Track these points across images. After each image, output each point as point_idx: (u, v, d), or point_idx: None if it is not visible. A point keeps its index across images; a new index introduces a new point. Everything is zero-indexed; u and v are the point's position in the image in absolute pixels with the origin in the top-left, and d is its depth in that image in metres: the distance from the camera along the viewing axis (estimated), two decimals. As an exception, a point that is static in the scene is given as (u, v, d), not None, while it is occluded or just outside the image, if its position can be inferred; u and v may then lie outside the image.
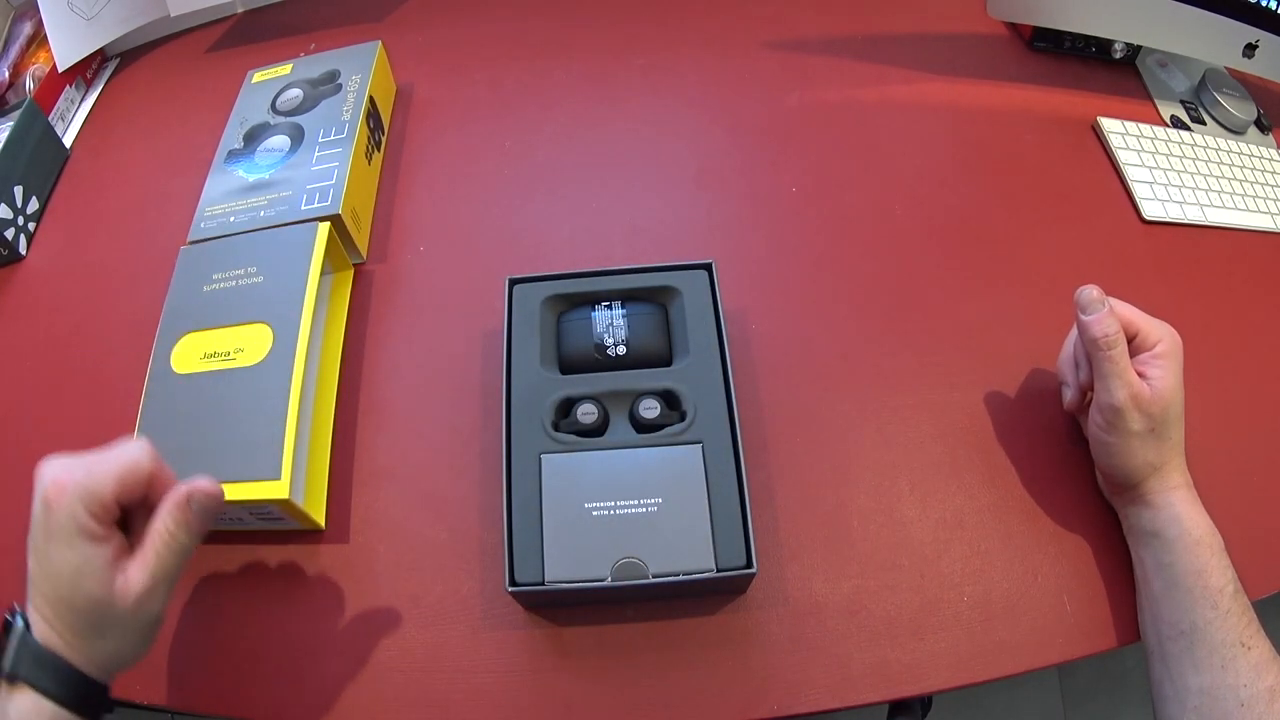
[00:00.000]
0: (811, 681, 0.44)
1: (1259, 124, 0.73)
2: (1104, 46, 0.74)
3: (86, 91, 0.77)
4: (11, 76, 0.72)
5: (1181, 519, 0.44)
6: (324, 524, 0.50)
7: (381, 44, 0.69)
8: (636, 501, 0.44)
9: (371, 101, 0.65)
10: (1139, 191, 0.64)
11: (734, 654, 0.45)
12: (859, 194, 0.65)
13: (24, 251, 0.65)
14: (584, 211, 0.64)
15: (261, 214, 0.57)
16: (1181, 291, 0.60)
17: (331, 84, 0.66)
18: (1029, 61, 0.75)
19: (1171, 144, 0.68)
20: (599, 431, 0.47)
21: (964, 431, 0.53)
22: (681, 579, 0.42)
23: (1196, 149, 0.69)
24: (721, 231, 0.63)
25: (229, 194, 0.59)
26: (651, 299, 0.52)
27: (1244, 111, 0.72)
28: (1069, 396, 0.50)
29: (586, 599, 0.46)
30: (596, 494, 0.44)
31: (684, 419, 0.47)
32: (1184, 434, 0.47)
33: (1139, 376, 0.45)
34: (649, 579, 0.42)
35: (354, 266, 0.61)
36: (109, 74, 0.79)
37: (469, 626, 0.46)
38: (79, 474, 0.35)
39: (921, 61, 0.74)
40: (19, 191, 0.64)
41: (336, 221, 0.57)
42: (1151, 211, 0.63)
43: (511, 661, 0.45)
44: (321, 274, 0.53)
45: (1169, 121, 0.72)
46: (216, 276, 0.53)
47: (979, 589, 0.47)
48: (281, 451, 0.46)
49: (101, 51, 0.78)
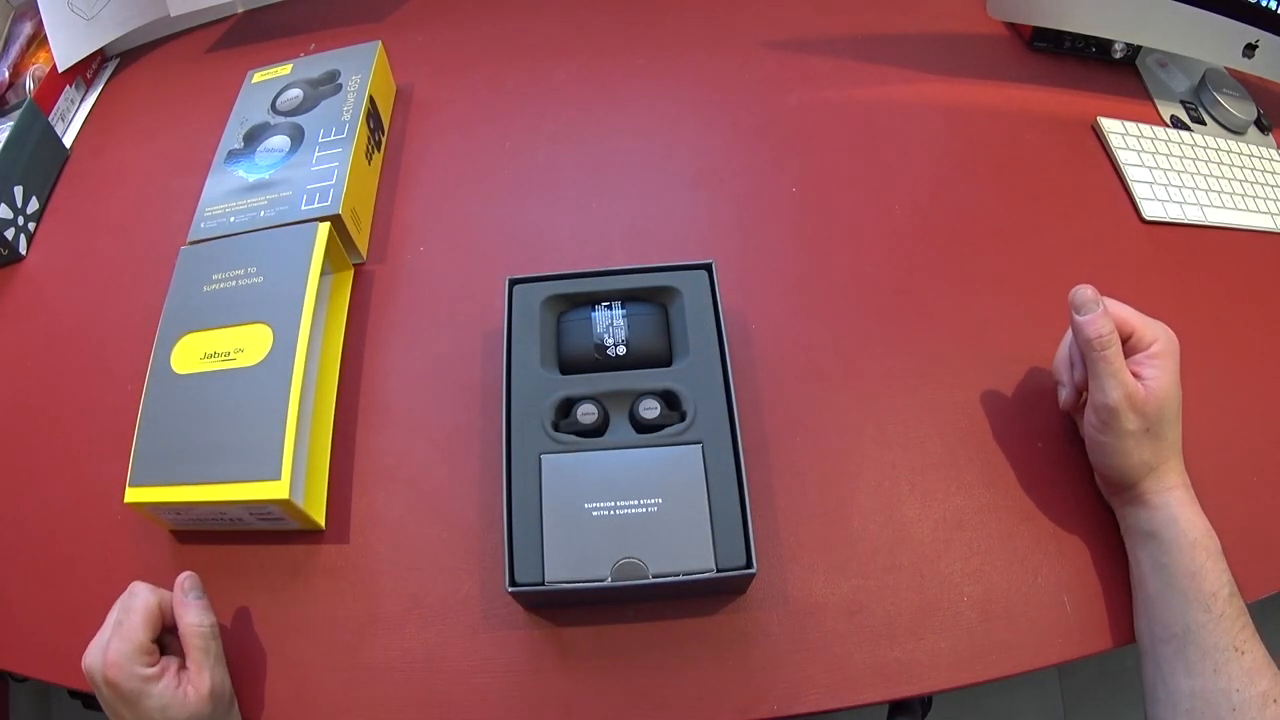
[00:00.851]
0: (811, 681, 0.44)
1: (1259, 124, 0.73)
2: (1104, 46, 0.74)
3: (86, 91, 0.77)
4: (11, 76, 0.72)
5: (1178, 520, 0.44)
6: (324, 524, 0.50)
7: (381, 44, 0.69)
8: (636, 502, 0.44)
9: (371, 101, 0.65)
10: (1139, 191, 0.64)
11: (734, 654, 0.45)
12: (859, 194, 0.65)
13: (24, 251, 0.65)
14: (584, 211, 0.64)
15: (261, 214, 0.57)
16: (1181, 291, 0.60)
17: (331, 84, 0.66)
18: (1029, 61, 0.75)
19: (1171, 144, 0.68)
20: (599, 432, 0.47)
21: (964, 431, 0.53)
22: (681, 579, 0.42)
23: (1196, 149, 0.68)
24: (721, 231, 0.63)
25: (229, 194, 0.59)
26: (651, 299, 0.52)
27: (1244, 111, 0.72)
28: (1064, 396, 0.50)
29: (586, 599, 0.46)
30: (596, 494, 0.44)
31: (684, 419, 0.47)
32: (1181, 434, 0.46)
33: (1134, 376, 0.45)
34: (649, 579, 0.42)
35: (354, 266, 0.61)
36: (109, 74, 0.79)
37: (469, 626, 0.46)
38: (119, 644, 0.40)
39: (921, 61, 0.74)
40: (19, 191, 0.64)
41: (336, 222, 0.57)
42: (1151, 211, 0.63)
43: (511, 661, 0.45)
44: (321, 274, 0.53)
45: (1169, 121, 0.72)
46: (216, 277, 0.53)
47: (979, 589, 0.47)
48: (281, 452, 0.46)
49: (101, 51, 0.78)
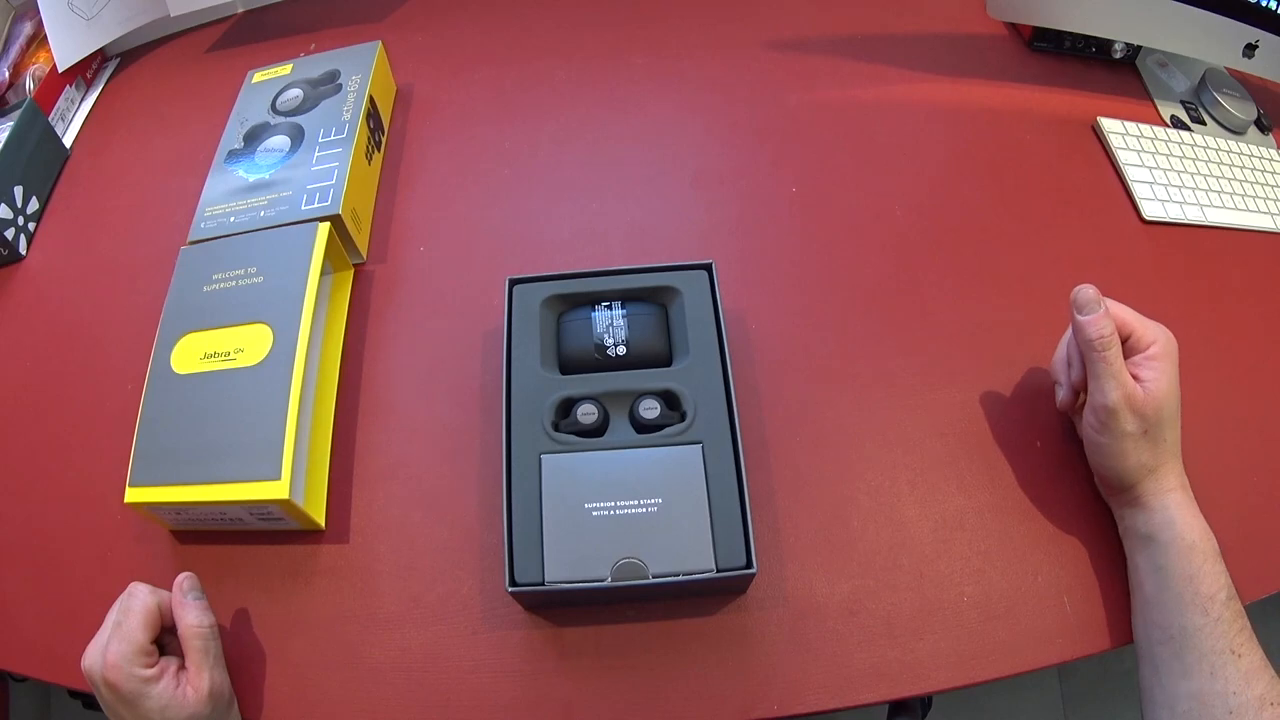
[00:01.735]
0: (811, 681, 0.44)
1: (1259, 124, 0.73)
2: (1104, 47, 0.74)
3: (86, 91, 0.77)
4: (11, 76, 0.72)
5: (1175, 522, 0.44)
6: (324, 524, 0.50)
7: (381, 44, 0.69)
8: (636, 502, 0.44)
9: (371, 101, 0.65)
10: (1139, 191, 0.64)
11: (734, 654, 0.45)
12: (859, 194, 0.65)
13: (24, 251, 0.65)
14: (584, 211, 0.64)
15: (261, 214, 0.57)
16: (1181, 291, 0.60)
17: (331, 84, 0.66)
18: (1029, 61, 0.75)
19: (1171, 144, 0.68)
20: (599, 432, 0.47)
21: (964, 431, 0.53)
22: (681, 579, 0.42)
23: (1196, 149, 0.68)
24: (721, 231, 0.63)
25: (229, 194, 0.59)
26: (651, 299, 0.52)
27: (1244, 111, 0.72)
28: (1061, 396, 0.50)
29: (586, 599, 0.46)
30: (596, 494, 0.44)
31: (684, 419, 0.47)
32: (1180, 436, 0.46)
33: (1133, 378, 0.45)
34: (649, 579, 0.42)
35: (354, 266, 0.61)
36: (109, 74, 0.79)
37: (469, 627, 0.46)
38: (118, 645, 0.41)
39: (921, 61, 0.74)
40: (19, 191, 0.64)
41: (336, 221, 0.57)
42: (1151, 211, 0.63)
43: (511, 661, 0.45)
44: (321, 274, 0.53)
45: (1169, 121, 0.72)
46: (216, 277, 0.53)
47: (979, 589, 0.47)
48: (281, 452, 0.46)
49: (101, 51, 0.78)
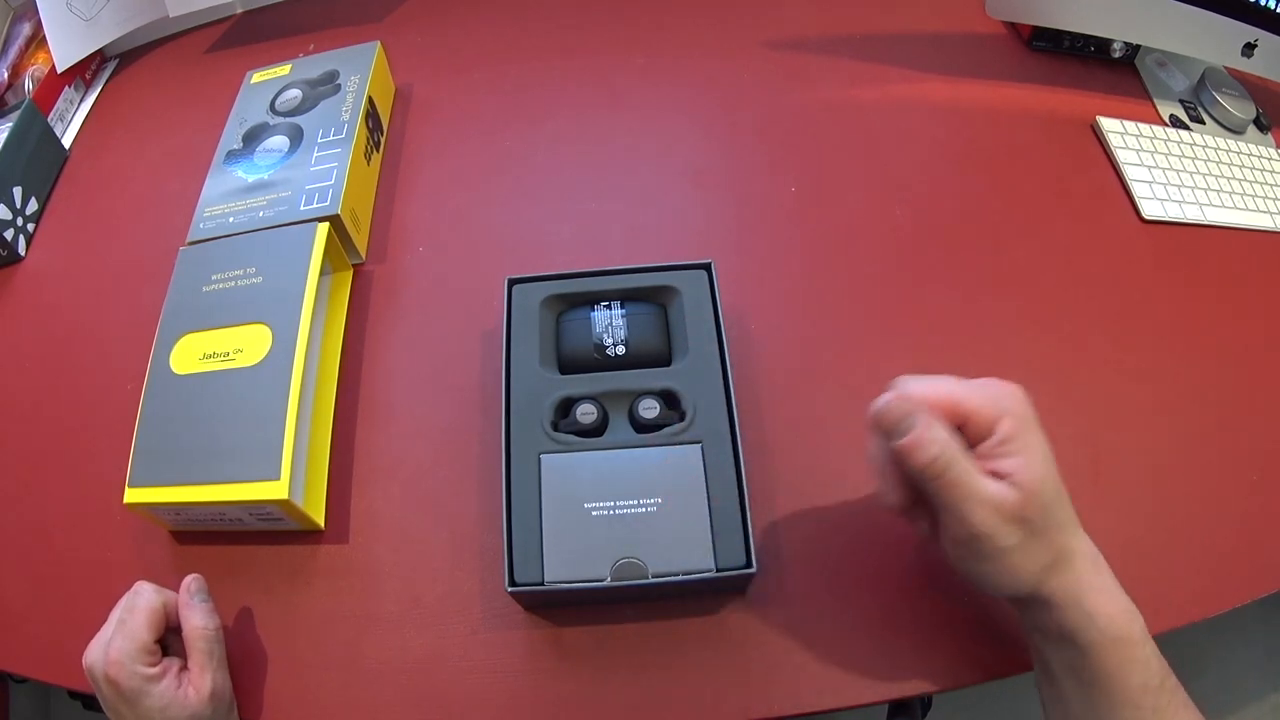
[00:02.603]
0: (811, 681, 0.44)
1: (1258, 123, 0.73)
2: (1103, 46, 0.74)
3: (86, 92, 0.77)
4: (11, 77, 0.72)
5: (1094, 616, 0.36)
6: (323, 524, 0.50)
7: (380, 44, 0.69)
8: (636, 501, 0.44)
9: (370, 102, 0.65)
10: (1138, 191, 0.64)
11: (734, 654, 0.45)
12: (859, 194, 0.65)
13: (23, 252, 0.65)
14: (584, 211, 0.64)
15: (261, 214, 0.57)
16: (1181, 291, 0.60)
17: (330, 84, 0.66)
18: (1028, 61, 0.75)
19: (1171, 143, 0.68)
20: (598, 431, 0.47)
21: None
22: (681, 579, 0.42)
23: (1196, 148, 0.68)
24: (721, 231, 0.63)
25: (228, 194, 0.59)
26: (651, 299, 0.52)
27: (1243, 111, 0.72)
28: (890, 501, 0.40)
29: (586, 599, 0.46)
30: (596, 494, 0.44)
31: (683, 419, 0.47)
32: (1069, 503, 0.38)
33: (994, 476, 0.35)
34: (649, 579, 0.42)
35: (353, 267, 0.61)
36: (108, 74, 0.79)
37: (469, 627, 0.46)
38: (121, 642, 0.41)
39: (921, 61, 0.74)
40: (18, 192, 0.64)
41: (336, 222, 0.57)
42: (1150, 211, 0.63)
43: (511, 662, 0.45)
44: (321, 274, 0.53)
45: (1168, 121, 0.72)
46: (216, 277, 0.53)
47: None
48: (281, 452, 0.46)
49: (101, 52, 0.78)
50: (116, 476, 0.47)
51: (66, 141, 0.72)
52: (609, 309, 0.51)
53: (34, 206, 0.66)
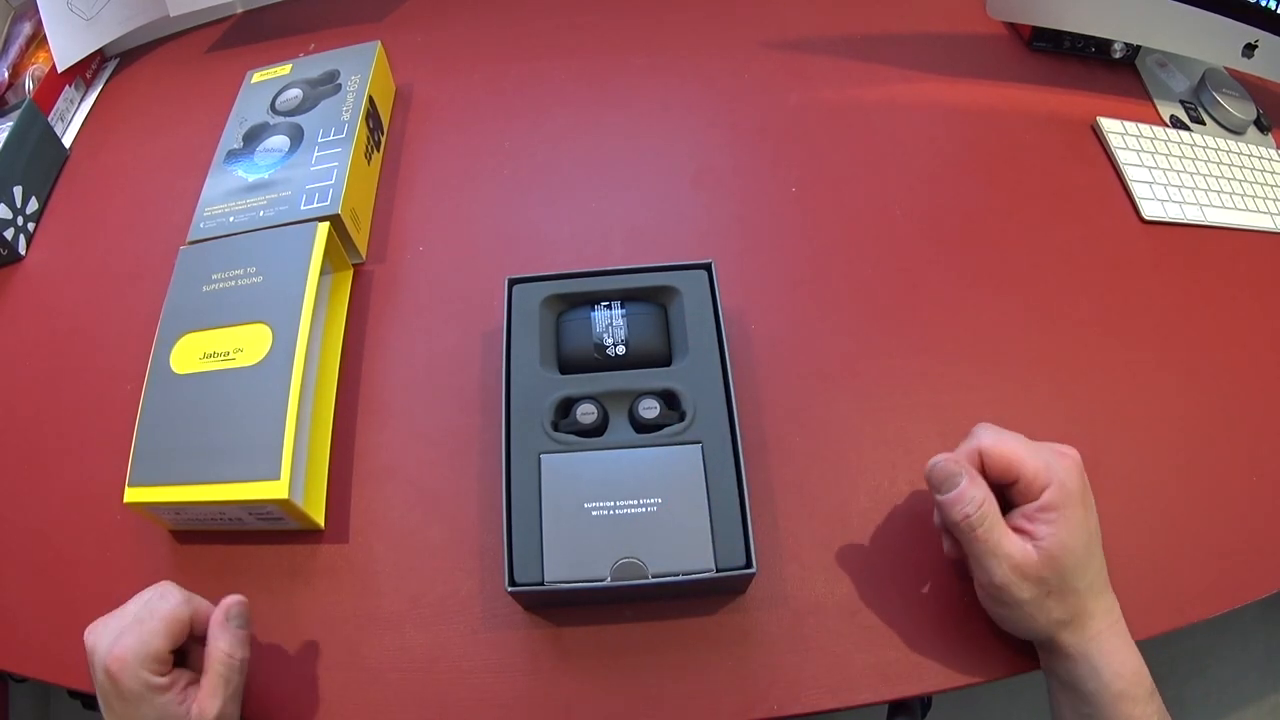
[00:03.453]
0: (811, 681, 0.44)
1: (1258, 124, 0.73)
2: (1103, 46, 0.74)
3: (86, 92, 0.77)
4: (11, 77, 0.72)
5: (1100, 671, 0.40)
6: (323, 524, 0.50)
7: (381, 44, 0.69)
8: (636, 501, 0.44)
9: (371, 101, 0.65)
10: (1138, 191, 0.64)
11: (734, 654, 0.45)
12: (859, 194, 0.65)
13: (23, 252, 0.65)
14: (584, 211, 0.64)
15: (261, 214, 0.57)
16: (1181, 291, 0.60)
17: (331, 84, 0.66)
18: (1028, 61, 0.75)
19: (1171, 144, 0.68)
20: (598, 431, 0.47)
21: (964, 431, 0.52)
22: (681, 579, 0.42)
23: (1196, 149, 0.69)
24: (721, 231, 0.63)
25: (228, 194, 0.59)
26: (651, 299, 0.52)
27: (1243, 111, 0.72)
28: (947, 547, 0.45)
29: (586, 599, 0.46)
30: (596, 494, 0.44)
31: (683, 419, 0.47)
32: (1103, 566, 0.41)
33: (1023, 533, 0.40)
34: (648, 579, 0.42)
35: (353, 266, 0.61)
36: (108, 74, 0.79)
37: (469, 627, 0.46)
38: (132, 642, 0.38)
39: (921, 61, 0.74)
40: (18, 192, 0.64)
41: (336, 221, 0.57)
42: (1151, 211, 0.63)
43: (511, 662, 0.45)
44: (321, 274, 0.53)
45: (1168, 121, 0.72)
46: (216, 276, 0.53)
47: (979, 589, 0.47)
48: (281, 451, 0.46)
49: (101, 52, 0.78)
50: (116, 476, 0.47)
51: (67, 141, 0.72)
52: (609, 309, 0.51)
53: (34, 206, 0.66)
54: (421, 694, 0.45)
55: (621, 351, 0.50)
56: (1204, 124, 0.73)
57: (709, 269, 0.52)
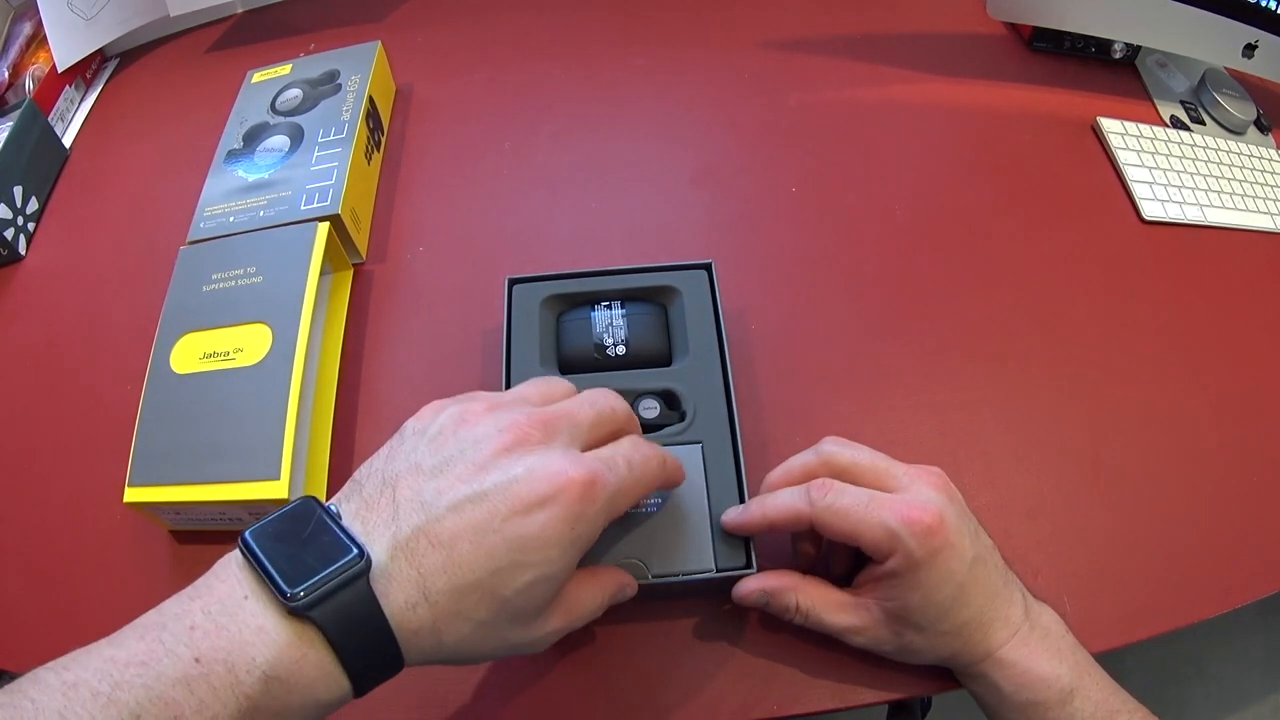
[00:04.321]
0: (811, 681, 0.44)
1: (1259, 124, 0.73)
2: (1104, 47, 0.74)
3: (86, 91, 0.77)
4: (11, 76, 0.72)
5: (1000, 686, 0.38)
6: (323, 524, 0.50)
7: (381, 44, 0.69)
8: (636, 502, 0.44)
9: (371, 101, 0.65)
10: (1139, 191, 0.64)
11: (734, 654, 0.45)
12: (859, 194, 0.65)
13: (23, 252, 0.65)
14: (584, 211, 0.64)
15: (261, 214, 0.57)
16: (1181, 292, 0.60)
17: (331, 84, 0.66)
18: (1028, 61, 0.75)
19: (1171, 144, 0.68)
20: (599, 431, 0.47)
21: (963, 431, 0.53)
22: (681, 579, 0.42)
23: (1196, 149, 0.69)
24: (721, 231, 0.63)
25: (228, 194, 0.59)
26: (651, 299, 0.52)
27: (1244, 112, 0.72)
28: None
29: (586, 599, 0.46)
30: (596, 494, 0.44)
31: (684, 419, 0.47)
32: (987, 600, 0.38)
33: (868, 592, 0.39)
34: (649, 579, 0.42)
35: (353, 266, 0.61)
36: (109, 74, 0.79)
37: (469, 627, 0.46)
38: (624, 476, 0.32)
39: (921, 61, 0.74)
40: (18, 192, 0.64)
41: (336, 221, 0.57)
42: (1151, 211, 0.64)
43: (511, 661, 0.45)
44: (321, 274, 0.53)
45: (1169, 122, 0.72)
46: (216, 276, 0.53)
47: (979, 589, 0.47)
48: (281, 451, 0.46)
49: (101, 51, 0.78)
50: (116, 476, 0.47)
51: (67, 141, 0.72)
52: (609, 309, 0.51)
53: (34, 206, 0.66)
54: (421, 694, 0.45)
55: (621, 351, 0.50)
56: (1204, 124, 0.73)
57: (709, 269, 0.52)
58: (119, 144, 0.73)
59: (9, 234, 0.63)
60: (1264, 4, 0.65)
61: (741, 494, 0.44)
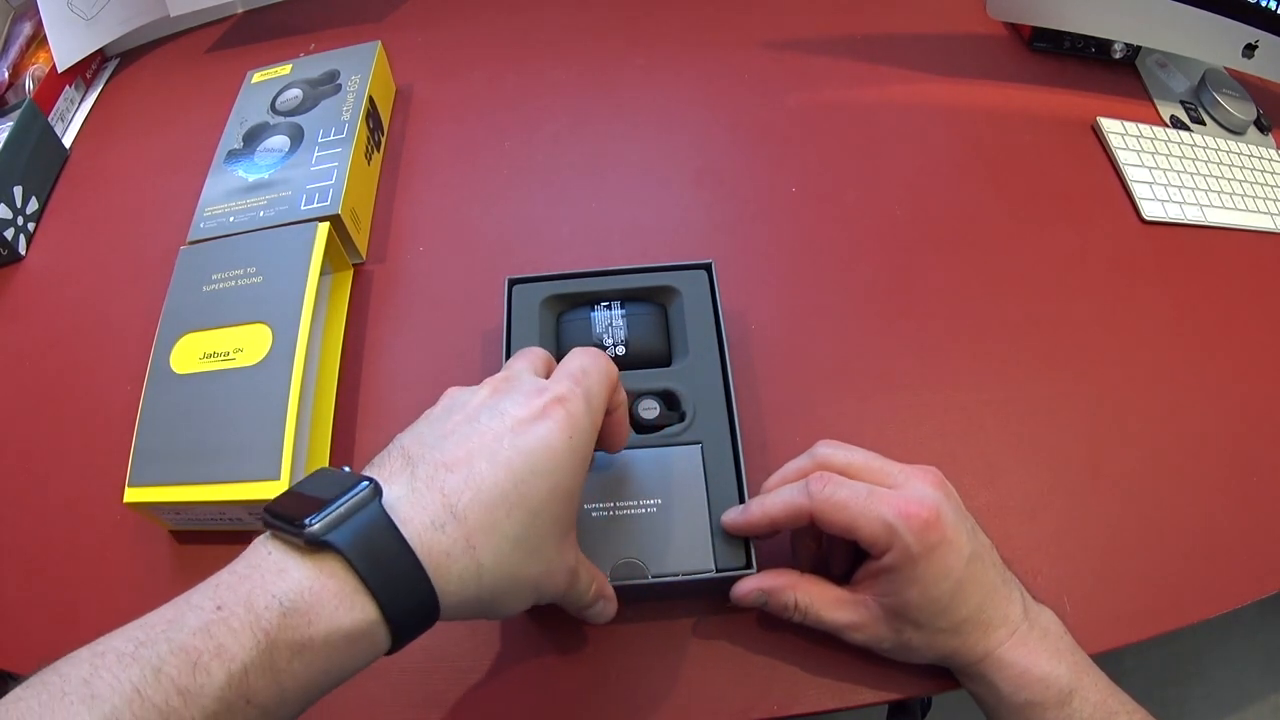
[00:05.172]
0: (811, 681, 0.44)
1: (1259, 124, 0.73)
2: (1104, 47, 0.74)
3: (86, 92, 0.77)
4: (11, 77, 0.72)
5: (998, 687, 0.38)
6: (323, 524, 0.50)
7: (381, 44, 0.69)
8: (636, 503, 0.44)
9: (371, 101, 0.65)
10: (1139, 192, 0.64)
11: (734, 654, 0.45)
12: (859, 194, 0.65)
13: (23, 252, 0.65)
14: (584, 211, 0.64)
15: (261, 214, 0.57)
16: (1181, 292, 0.60)
17: (331, 84, 0.66)
18: (1029, 61, 0.75)
19: (1171, 144, 0.68)
20: (599, 432, 0.47)
21: (963, 431, 0.53)
22: (681, 579, 0.42)
23: (1196, 149, 0.69)
24: (721, 231, 0.63)
25: (228, 194, 0.59)
26: (651, 299, 0.52)
27: (1244, 112, 0.72)
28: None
29: (586, 599, 0.46)
30: (595, 495, 0.44)
31: (683, 419, 0.47)
32: (986, 596, 0.38)
33: (866, 588, 0.39)
34: (649, 580, 0.42)
35: (353, 266, 0.61)
36: (109, 74, 0.79)
37: (469, 626, 0.46)
38: (587, 382, 0.34)
39: (921, 61, 0.74)
40: (18, 192, 0.64)
41: (336, 221, 0.57)
42: (1151, 212, 0.63)
43: (511, 662, 0.45)
44: (321, 274, 0.53)
45: (1169, 122, 0.72)
46: (216, 277, 0.53)
47: (979, 589, 0.47)
48: (281, 452, 0.46)
49: (101, 52, 0.78)
50: (116, 476, 0.47)
51: (67, 141, 0.72)
52: (609, 309, 0.51)
53: (34, 206, 0.66)
54: (421, 694, 0.45)
55: (621, 352, 0.50)
56: (1204, 124, 0.73)
57: (709, 269, 0.52)
58: (119, 144, 0.73)
59: (9, 234, 0.63)
60: (1264, 4, 0.65)
61: (741, 494, 0.44)
